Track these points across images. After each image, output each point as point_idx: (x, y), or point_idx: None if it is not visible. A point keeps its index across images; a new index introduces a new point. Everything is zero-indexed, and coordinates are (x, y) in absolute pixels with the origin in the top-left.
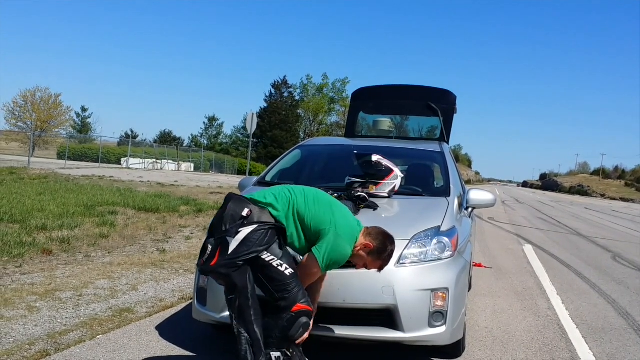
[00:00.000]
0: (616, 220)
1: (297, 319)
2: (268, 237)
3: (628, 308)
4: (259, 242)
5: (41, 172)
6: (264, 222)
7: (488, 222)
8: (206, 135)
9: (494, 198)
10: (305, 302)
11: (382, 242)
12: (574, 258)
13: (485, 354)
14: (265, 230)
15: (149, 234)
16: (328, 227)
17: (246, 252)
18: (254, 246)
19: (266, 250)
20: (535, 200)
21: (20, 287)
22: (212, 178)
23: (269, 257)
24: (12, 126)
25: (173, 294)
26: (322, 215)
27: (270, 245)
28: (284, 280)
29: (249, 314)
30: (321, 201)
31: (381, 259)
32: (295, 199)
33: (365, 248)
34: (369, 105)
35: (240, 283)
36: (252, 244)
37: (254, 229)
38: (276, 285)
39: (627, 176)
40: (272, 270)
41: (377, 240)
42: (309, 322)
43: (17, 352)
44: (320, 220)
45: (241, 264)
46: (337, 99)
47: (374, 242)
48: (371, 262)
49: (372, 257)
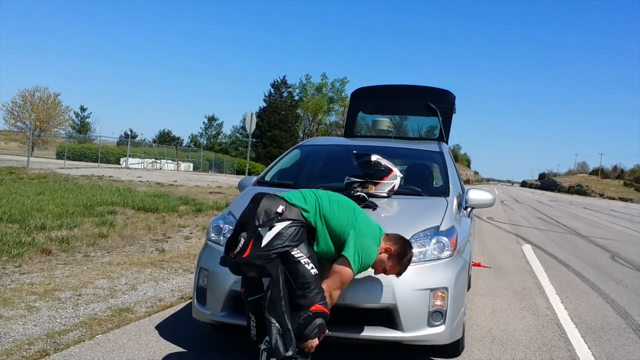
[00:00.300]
0: (615, 219)
1: (313, 318)
2: (300, 235)
3: (627, 307)
4: (291, 237)
5: (40, 172)
6: (296, 219)
7: (487, 222)
8: (205, 135)
9: (492, 198)
10: (323, 304)
11: (403, 247)
12: (572, 257)
13: (484, 353)
14: (297, 227)
15: (148, 233)
16: (352, 230)
17: (280, 246)
18: (287, 241)
19: (297, 247)
20: (534, 200)
21: (19, 286)
22: (211, 178)
23: (298, 254)
24: (11, 126)
25: (172, 294)
26: (346, 218)
27: (301, 242)
28: (308, 279)
29: (280, 304)
30: (345, 205)
31: (401, 263)
32: (321, 202)
33: (387, 251)
34: (368, 105)
35: (275, 274)
36: (285, 238)
37: (287, 224)
38: (300, 283)
39: (626, 176)
40: (299, 268)
41: (398, 245)
42: (324, 324)
43: (16, 351)
44: (345, 224)
45: (274, 257)
46: (336, 98)
47: (394, 246)
48: (391, 266)
49: (392, 261)
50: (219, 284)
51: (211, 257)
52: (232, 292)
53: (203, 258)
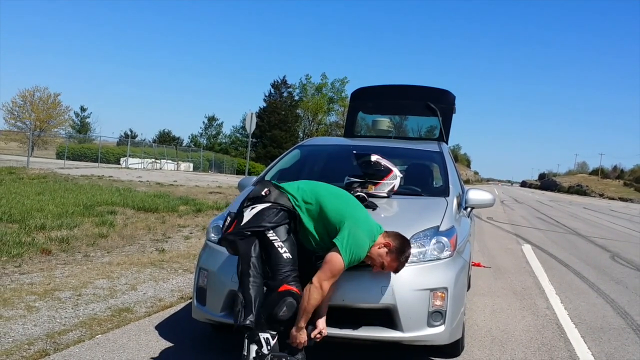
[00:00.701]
0: (615, 219)
1: (282, 297)
2: (278, 217)
3: (627, 307)
4: (268, 219)
5: (40, 172)
6: (278, 202)
7: (487, 222)
8: (205, 135)
9: (492, 198)
10: (294, 284)
11: (402, 243)
12: (572, 257)
13: (484, 353)
14: (277, 210)
15: (148, 233)
16: (347, 220)
17: (254, 225)
18: (263, 222)
19: (273, 230)
20: (534, 200)
21: (19, 286)
22: (211, 178)
23: (273, 236)
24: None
25: (172, 294)
26: (342, 208)
27: (278, 225)
28: (279, 262)
29: (247, 279)
30: (343, 196)
31: (399, 259)
32: (319, 191)
33: (386, 246)
34: (368, 105)
35: (243, 251)
36: (261, 219)
37: (267, 206)
38: (271, 264)
39: (626, 176)
40: (272, 250)
41: (398, 241)
42: (294, 303)
43: (16, 351)
44: (341, 213)
45: (248, 234)
46: (336, 98)
47: (394, 241)
48: (390, 261)
49: (391, 256)
50: (219, 284)
51: (211, 257)
52: (231, 292)
53: (203, 258)
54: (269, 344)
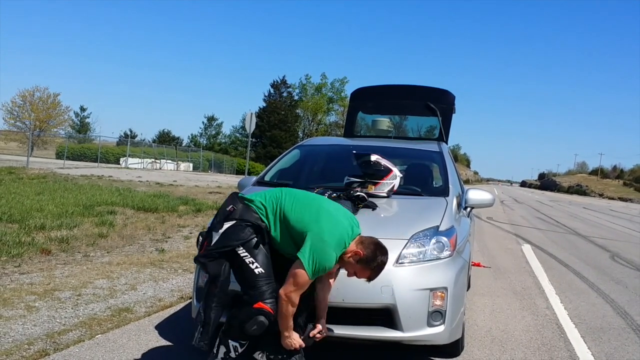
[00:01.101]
0: (614, 219)
1: (254, 315)
2: (244, 234)
3: (626, 307)
4: (235, 237)
5: (40, 172)
6: (243, 219)
7: (487, 222)
8: (205, 135)
9: (492, 198)
10: (269, 303)
11: (373, 252)
12: (572, 257)
13: (484, 353)
14: (242, 227)
15: (148, 233)
16: (310, 232)
17: (222, 246)
18: (230, 240)
19: (242, 246)
20: (534, 200)
21: (19, 286)
22: (211, 178)
23: (243, 252)
24: (10, 126)
25: (172, 294)
26: (306, 217)
27: (245, 241)
28: (251, 278)
29: (211, 300)
30: (309, 204)
31: (370, 268)
32: (283, 200)
33: (355, 255)
34: (368, 105)
35: (212, 272)
36: (228, 238)
37: (232, 224)
38: (245, 281)
39: (626, 176)
40: (243, 267)
41: (368, 249)
42: (265, 322)
43: (16, 351)
44: (304, 223)
45: (217, 256)
46: (336, 98)
47: (364, 250)
48: (360, 270)
49: (361, 265)
50: None
51: None
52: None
53: None
54: (237, 351)
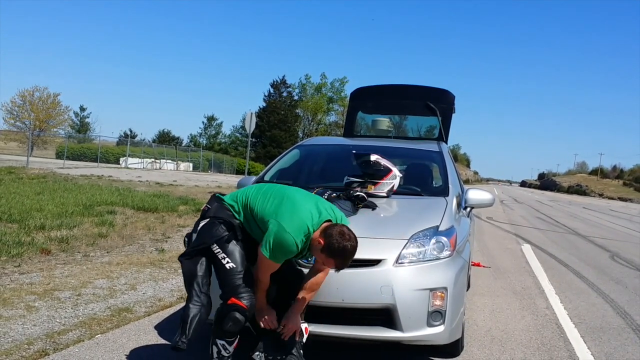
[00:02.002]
0: (614, 219)
1: (228, 311)
2: (216, 231)
3: (626, 307)
4: (208, 234)
5: (40, 172)
6: (216, 216)
7: (487, 222)
8: (205, 134)
9: (492, 198)
10: (244, 299)
11: (336, 240)
12: (572, 257)
13: (484, 353)
14: (215, 224)
15: (148, 233)
16: (270, 221)
17: (198, 244)
18: (205, 238)
19: (216, 243)
20: (534, 200)
21: (18, 286)
22: (211, 178)
23: (216, 249)
24: (10, 126)
25: (172, 294)
26: (267, 208)
27: (218, 238)
28: (224, 274)
29: (190, 297)
30: (273, 195)
31: (333, 257)
32: (250, 194)
33: (318, 245)
34: (368, 104)
35: (187, 270)
36: (203, 236)
37: (206, 222)
38: (220, 277)
39: (625, 176)
40: (216, 263)
41: (329, 237)
42: (239, 318)
43: (15, 351)
44: (265, 213)
45: (194, 255)
46: (336, 98)
47: (325, 238)
48: (324, 258)
49: (324, 254)
50: None
51: None
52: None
53: None
54: (226, 349)
